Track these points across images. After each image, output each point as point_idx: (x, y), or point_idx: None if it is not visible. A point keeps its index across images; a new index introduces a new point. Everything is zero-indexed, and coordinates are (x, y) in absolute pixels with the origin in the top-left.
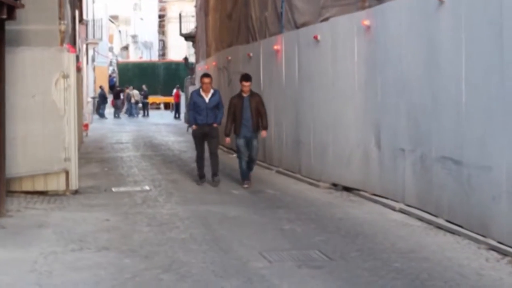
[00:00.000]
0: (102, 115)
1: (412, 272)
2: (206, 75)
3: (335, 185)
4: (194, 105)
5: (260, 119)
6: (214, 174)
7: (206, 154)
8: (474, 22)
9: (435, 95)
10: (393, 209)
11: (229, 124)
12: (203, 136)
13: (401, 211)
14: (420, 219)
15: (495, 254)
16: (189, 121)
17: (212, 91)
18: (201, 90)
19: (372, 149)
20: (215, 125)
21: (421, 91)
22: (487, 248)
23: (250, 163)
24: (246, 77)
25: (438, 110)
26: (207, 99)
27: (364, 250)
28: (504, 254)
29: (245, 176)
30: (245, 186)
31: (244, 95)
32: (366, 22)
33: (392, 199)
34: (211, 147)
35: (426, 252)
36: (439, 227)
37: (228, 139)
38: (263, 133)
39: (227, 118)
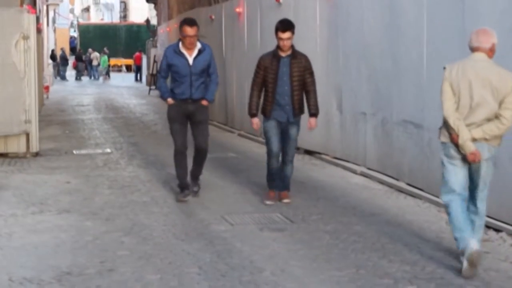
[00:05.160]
0: (63, 77)
1: (373, 235)
2: (189, 21)
3: (297, 149)
4: (170, 69)
5: (306, 97)
6: (195, 178)
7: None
8: None
9: (396, 59)
10: (354, 172)
11: (255, 98)
12: (185, 118)
13: (362, 174)
14: (381, 182)
15: None
16: (160, 92)
17: (199, 45)
18: (180, 45)
19: (333, 113)
20: (204, 102)
21: (383, 55)
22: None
23: (284, 165)
24: (284, 25)
25: (399, 74)
26: (190, 60)
27: (325, 213)
28: None
29: (272, 182)
30: (267, 202)
31: (282, 54)
32: None
33: (353, 163)
34: (198, 137)
35: (387, 215)
36: (400, 190)
37: (256, 121)
38: (311, 122)
39: (251, 88)
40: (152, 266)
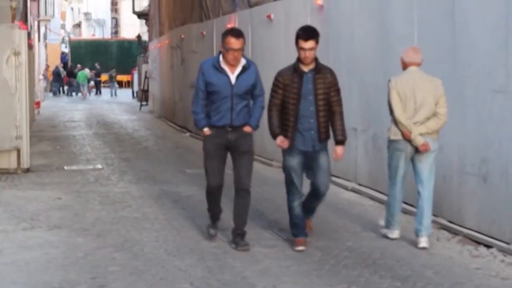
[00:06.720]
0: (55, 93)
1: (365, 251)
2: (235, 32)
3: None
4: (207, 88)
5: (331, 119)
6: (239, 230)
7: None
8: (426, 1)
9: (387, 75)
10: (346, 188)
11: (275, 120)
12: (224, 151)
13: (353, 190)
14: (372, 198)
15: (445, 233)
16: (194, 118)
17: (243, 61)
18: (221, 59)
19: None
20: (247, 128)
21: (373, 71)
22: (438, 227)
23: (313, 200)
24: (307, 32)
25: None
26: (233, 78)
27: (316, 229)
28: (455, 233)
29: (299, 227)
30: (298, 248)
31: (305, 69)
32: (319, 2)
33: (344, 179)
34: (240, 173)
35: (378, 231)
36: None
37: (281, 139)
38: (338, 152)
39: (269, 110)
40: (144, 282)
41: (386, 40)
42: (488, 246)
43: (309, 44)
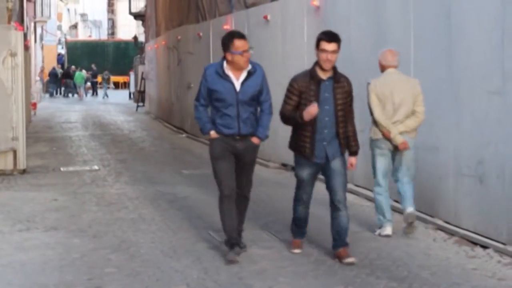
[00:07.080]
0: (52, 94)
1: (361, 252)
2: (238, 34)
3: (284, 165)
4: (210, 96)
5: (346, 129)
6: (239, 234)
7: None
8: (422, 3)
9: None
10: None
11: (289, 113)
12: (232, 155)
13: (350, 191)
14: (369, 199)
15: (442, 234)
16: (198, 124)
17: (249, 66)
18: (225, 65)
19: None
20: (255, 140)
21: (370, 72)
22: (434, 228)
23: (336, 211)
24: (329, 35)
25: None
26: (237, 84)
27: (313, 230)
28: (451, 234)
29: (299, 227)
30: (295, 251)
31: (323, 76)
32: (316, 3)
33: None
34: (242, 183)
35: (374, 232)
36: None
37: (307, 110)
38: (352, 162)
39: (282, 114)
40: (140, 283)
41: (382, 42)
42: (484, 246)
43: (332, 46)
